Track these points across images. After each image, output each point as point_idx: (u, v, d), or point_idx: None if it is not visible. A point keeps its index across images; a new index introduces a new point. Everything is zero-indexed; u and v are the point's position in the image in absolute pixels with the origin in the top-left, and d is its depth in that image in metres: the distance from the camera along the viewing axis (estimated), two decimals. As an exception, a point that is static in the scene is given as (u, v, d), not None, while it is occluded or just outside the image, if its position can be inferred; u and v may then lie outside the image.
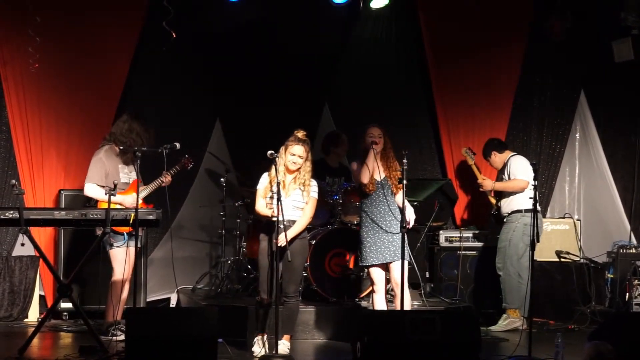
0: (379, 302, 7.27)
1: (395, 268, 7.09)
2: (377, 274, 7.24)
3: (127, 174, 7.64)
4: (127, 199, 7.43)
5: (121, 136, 7.58)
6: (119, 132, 7.60)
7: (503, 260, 8.51)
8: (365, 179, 7.12)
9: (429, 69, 9.70)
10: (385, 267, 7.21)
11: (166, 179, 7.64)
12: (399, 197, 7.17)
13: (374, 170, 7.18)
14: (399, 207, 7.14)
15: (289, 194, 6.82)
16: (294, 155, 6.84)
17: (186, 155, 7.78)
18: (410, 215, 7.12)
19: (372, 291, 7.33)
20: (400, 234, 6.94)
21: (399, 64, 9.97)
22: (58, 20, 8.53)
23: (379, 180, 7.18)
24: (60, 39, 8.57)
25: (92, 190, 7.50)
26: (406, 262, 7.09)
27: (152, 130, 7.63)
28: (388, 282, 7.38)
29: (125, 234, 7.43)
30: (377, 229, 7.14)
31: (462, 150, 9.13)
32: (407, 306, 7.10)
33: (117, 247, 7.48)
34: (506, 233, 8.53)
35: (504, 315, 8.43)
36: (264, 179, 6.94)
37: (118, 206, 7.31)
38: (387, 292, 7.47)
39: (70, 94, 8.67)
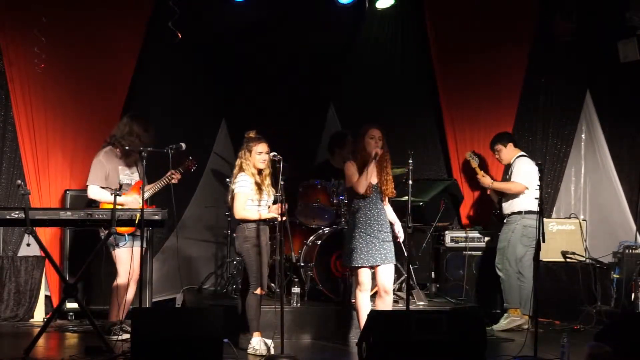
0: (365, 301, 7.14)
1: (382, 272, 7.08)
2: (364, 276, 7.11)
3: (129, 175, 7.63)
4: (129, 200, 7.43)
5: (121, 139, 7.57)
6: (119, 135, 7.59)
7: (502, 260, 8.55)
8: (362, 188, 7.02)
9: (434, 68, 9.70)
10: (371, 269, 7.15)
11: (175, 176, 7.64)
12: (389, 207, 7.22)
13: (371, 176, 7.12)
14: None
15: (270, 195, 7.06)
16: (261, 153, 7.04)
17: (190, 158, 7.76)
18: (400, 230, 7.17)
19: (358, 290, 7.16)
20: (391, 239, 7.06)
21: (405, 64, 9.96)
22: (64, 21, 8.53)
23: (374, 184, 7.14)
24: (66, 39, 8.57)
25: (95, 192, 7.50)
26: (392, 267, 7.13)
27: (151, 130, 7.60)
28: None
29: (126, 234, 7.43)
30: (370, 232, 7.06)
31: (467, 154, 9.09)
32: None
33: (121, 247, 7.47)
34: (505, 234, 8.56)
35: (505, 315, 8.47)
36: (247, 181, 7.01)
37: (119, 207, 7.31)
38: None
39: (76, 94, 8.67)
